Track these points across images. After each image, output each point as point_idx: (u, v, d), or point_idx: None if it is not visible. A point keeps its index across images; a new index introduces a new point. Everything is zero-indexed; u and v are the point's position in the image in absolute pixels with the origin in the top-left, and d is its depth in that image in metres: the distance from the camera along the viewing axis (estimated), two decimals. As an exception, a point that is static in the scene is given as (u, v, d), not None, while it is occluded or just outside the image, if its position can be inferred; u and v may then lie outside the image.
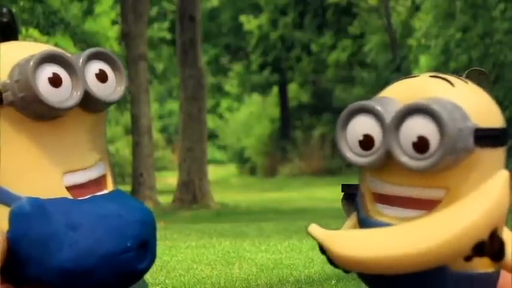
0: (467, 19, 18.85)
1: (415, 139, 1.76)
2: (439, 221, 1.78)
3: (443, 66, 19.11)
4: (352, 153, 1.87)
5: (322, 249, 1.90)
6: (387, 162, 1.83)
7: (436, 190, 1.82)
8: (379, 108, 1.83)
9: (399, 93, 1.89)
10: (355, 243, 1.82)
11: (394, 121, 1.79)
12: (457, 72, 2.07)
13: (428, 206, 1.84)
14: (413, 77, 1.97)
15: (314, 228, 1.91)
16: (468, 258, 1.82)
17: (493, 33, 18.34)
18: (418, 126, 1.76)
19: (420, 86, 1.89)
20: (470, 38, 18.69)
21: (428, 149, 1.75)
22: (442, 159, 1.74)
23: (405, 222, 1.84)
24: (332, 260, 1.89)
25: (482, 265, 1.85)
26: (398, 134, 1.78)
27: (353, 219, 2.04)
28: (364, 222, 1.95)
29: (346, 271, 1.95)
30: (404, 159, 1.78)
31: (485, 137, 1.80)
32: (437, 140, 1.74)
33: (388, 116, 1.81)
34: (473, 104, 1.84)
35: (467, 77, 2.00)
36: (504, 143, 1.87)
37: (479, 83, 1.99)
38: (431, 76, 1.92)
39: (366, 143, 1.84)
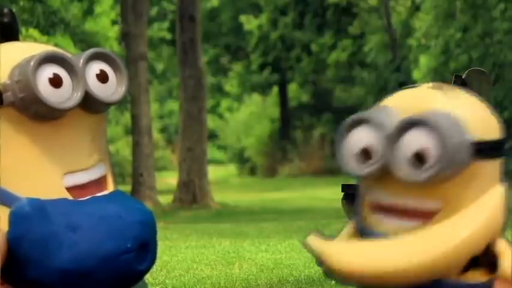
0: (467, 19, 18.85)
1: (413, 152, 1.78)
2: (435, 235, 1.80)
3: (443, 66, 19.10)
4: (350, 164, 1.88)
5: (319, 262, 1.90)
6: (385, 173, 1.84)
7: (433, 201, 1.84)
8: (378, 120, 1.84)
9: (399, 103, 1.90)
10: (352, 256, 1.84)
11: (394, 134, 1.80)
12: (457, 72, 2.07)
13: (424, 217, 1.85)
14: (414, 87, 1.98)
15: (311, 240, 1.90)
16: (462, 272, 1.84)
17: (493, 33, 18.34)
18: (417, 139, 1.78)
19: (420, 97, 1.90)
20: (470, 38, 18.69)
21: (427, 162, 1.77)
22: (439, 173, 1.76)
23: (401, 234, 1.85)
24: (328, 273, 1.89)
25: (476, 275, 1.87)
26: (398, 146, 1.80)
27: (351, 225, 2.05)
28: (362, 232, 1.96)
29: (342, 283, 1.96)
30: (402, 172, 1.79)
31: (483, 150, 1.82)
32: (436, 153, 1.76)
33: (388, 128, 1.82)
34: (472, 116, 1.85)
35: (467, 77, 2.01)
36: (501, 154, 1.89)
37: (479, 83, 1.99)
38: (431, 87, 1.93)
39: (365, 154, 1.86)
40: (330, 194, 13.98)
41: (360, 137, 1.86)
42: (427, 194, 1.83)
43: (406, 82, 22.78)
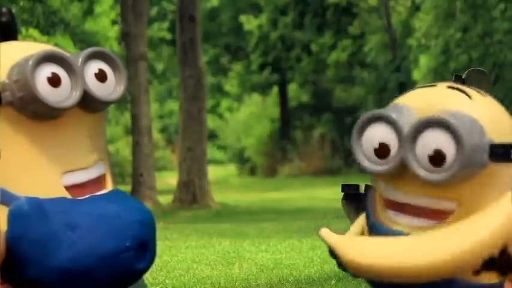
0: (467, 19, 18.85)
1: (431, 152, 1.79)
2: (452, 234, 1.81)
3: (443, 66, 19.10)
4: (367, 161, 1.89)
5: (333, 254, 1.91)
6: (401, 171, 1.85)
7: (449, 202, 1.85)
8: (396, 118, 1.84)
9: (416, 102, 1.90)
10: (368, 250, 1.85)
11: (411, 133, 1.81)
12: (457, 72, 2.08)
13: (439, 216, 1.86)
14: (430, 86, 1.98)
15: (326, 233, 1.91)
16: (477, 272, 1.85)
17: (493, 33, 18.33)
18: (435, 140, 1.79)
19: (438, 97, 1.90)
20: (470, 38, 18.69)
21: (444, 163, 1.78)
22: (457, 173, 1.77)
23: (416, 231, 1.87)
24: (342, 265, 1.90)
25: (488, 277, 1.88)
26: (415, 146, 1.81)
27: (360, 222, 2.05)
28: (374, 228, 1.96)
29: (356, 276, 1.96)
30: (420, 171, 1.80)
31: (500, 153, 1.82)
32: (454, 154, 1.77)
33: (405, 126, 1.83)
34: (490, 118, 1.86)
35: (467, 77, 2.02)
36: None
37: (479, 83, 2.00)
38: (449, 87, 1.94)
39: (382, 151, 1.86)
40: (330, 194, 13.98)
41: (377, 134, 1.86)
42: (443, 194, 1.83)
43: (406, 82, 22.79)
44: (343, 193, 2.15)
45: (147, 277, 2.02)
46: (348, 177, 22.30)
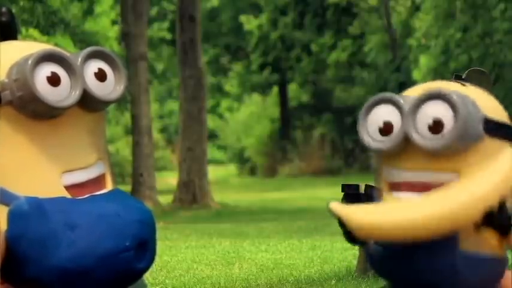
0: (467, 19, 18.85)
1: (430, 122, 1.93)
2: (453, 189, 1.92)
3: (443, 66, 19.10)
4: (371, 139, 2.01)
5: (341, 223, 1.99)
6: (404, 148, 1.97)
7: (448, 174, 1.95)
8: (399, 98, 2.00)
9: (418, 91, 2.03)
10: (373, 211, 1.95)
11: (412, 106, 1.95)
12: (457, 72, 2.14)
13: None
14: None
15: (334, 205, 2.00)
16: (477, 228, 1.94)
17: (493, 33, 18.33)
18: (433, 110, 1.93)
19: (436, 86, 2.03)
20: (470, 38, 18.69)
21: (442, 131, 1.91)
22: (454, 141, 1.90)
23: None
24: (350, 233, 1.98)
25: (489, 246, 1.97)
26: (415, 117, 1.94)
27: None
28: None
29: (363, 243, 2.06)
30: (419, 139, 1.93)
31: (495, 128, 1.96)
32: (451, 123, 1.90)
33: (407, 104, 1.97)
34: (484, 100, 2.00)
35: (467, 77, 2.11)
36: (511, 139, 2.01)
37: (479, 83, 2.09)
38: (446, 82, 2.08)
39: (385, 129, 1.99)
40: (330, 194, 13.97)
41: (381, 114, 2.00)
42: (443, 167, 1.95)
43: (406, 82, 22.79)
44: (343, 193, 2.18)
45: (147, 277, 2.02)
46: (348, 177, 22.29)
